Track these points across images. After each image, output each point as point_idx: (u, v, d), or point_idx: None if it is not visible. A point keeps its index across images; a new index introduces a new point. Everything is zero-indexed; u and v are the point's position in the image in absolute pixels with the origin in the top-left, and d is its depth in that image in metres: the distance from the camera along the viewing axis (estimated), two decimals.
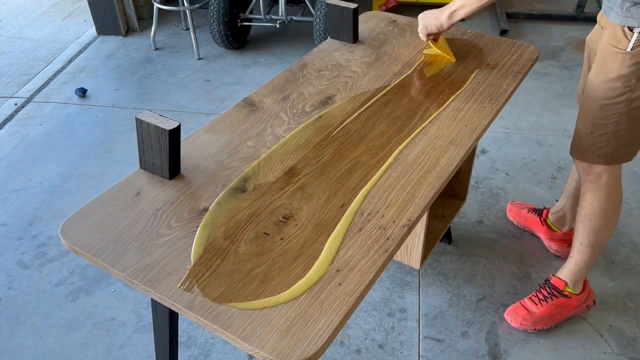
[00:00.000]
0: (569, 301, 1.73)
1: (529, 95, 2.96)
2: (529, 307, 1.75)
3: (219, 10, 3.19)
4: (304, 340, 0.86)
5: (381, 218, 1.09)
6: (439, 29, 1.57)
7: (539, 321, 1.74)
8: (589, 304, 1.77)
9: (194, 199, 1.13)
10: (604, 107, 1.43)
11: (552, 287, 1.74)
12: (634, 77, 1.36)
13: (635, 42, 1.32)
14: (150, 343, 1.74)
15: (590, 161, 1.53)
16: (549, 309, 1.73)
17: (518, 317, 1.76)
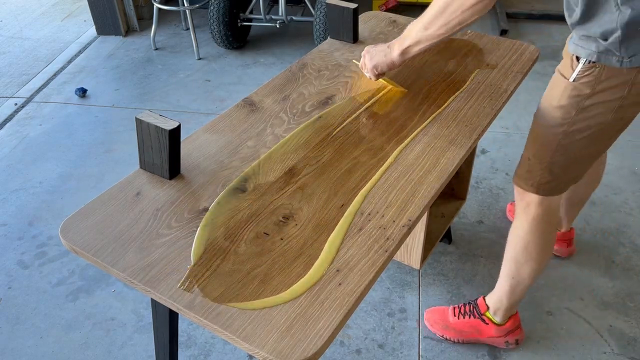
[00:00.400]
0: (485, 327, 1.67)
1: (529, 95, 2.96)
2: (447, 315, 1.74)
3: (219, 10, 3.19)
4: (304, 340, 0.86)
5: (381, 218, 1.09)
6: (390, 67, 1.42)
7: (448, 331, 1.72)
8: (510, 341, 1.68)
9: (194, 199, 1.13)
10: (544, 135, 1.36)
11: (475, 307, 1.69)
12: (574, 109, 1.27)
13: (579, 73, 1.24)
14: (150, 343, 1.74)
15: (522, 187, 1.45)
16: (463, 325, 1.70)
17: (433, 318, 1.76)
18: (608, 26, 1.15)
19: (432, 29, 1.27)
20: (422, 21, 1.28)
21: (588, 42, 1.21)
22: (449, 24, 1.23)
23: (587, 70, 1.23)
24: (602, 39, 1.17)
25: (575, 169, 1.41)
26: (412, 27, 1.32)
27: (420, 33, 1.30)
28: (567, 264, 1.99)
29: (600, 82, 1.22)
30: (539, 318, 1.80)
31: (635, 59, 1.16)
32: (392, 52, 1.38)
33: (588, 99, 1.25)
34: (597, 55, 1.20)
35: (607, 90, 1.23)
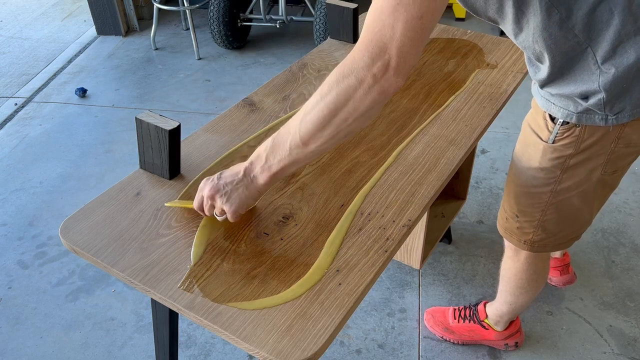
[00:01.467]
0: (485, 332, 1.67)
1: (529, 95, 2.95)
2: (447, 317, 1.73)
3: (219, 10, 3.19)
4: (304, 340, 0.86)
5: (381, 218, 1.09)
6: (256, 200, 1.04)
7: (448, 332, 1.72)
8: (509, 344, 1.68)
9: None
10: (529, 194, 1.22)
11: (475, 312, 1.69)
12: (558, 169, 1.13)
13: (557, 135, 1.09)
14: (150, 343, 1.74)
15: (514, 244, 1.34)
16: (463, 328, 1.70)
17: (433, 320, 1.75)
18: (588, 86, 0.98)
19: (313, 144, 0.93)
20: (297, 132, 0.93)
21: (563, 101, 1.05)
22: (336, 135, 0.91)
23: (566, 131, 1.07)
24: (581, 98, 1.01)
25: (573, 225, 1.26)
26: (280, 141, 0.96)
27: (297, 150, 0.94)
28: None
29: (583, 141, 1.07)
30: (539, 318, 1.80)
31: (621, 115, 1.01)
32: (255, 182, 1.00)
33: (572, 158, 1.10)
34: (576, 116, 1.04)
35: (593, 147, 1.08)
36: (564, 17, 0.93)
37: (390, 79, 0.84)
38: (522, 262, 1.40)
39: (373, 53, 0.83)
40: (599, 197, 1.22)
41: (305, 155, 0.95)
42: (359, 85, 0.85)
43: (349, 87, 0.86)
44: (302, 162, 0.97)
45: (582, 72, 0.98)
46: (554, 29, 0.94)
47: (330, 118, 0.89)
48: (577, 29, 0.93)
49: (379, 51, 0.82)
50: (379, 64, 0.83)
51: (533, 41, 0.99)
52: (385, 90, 0.85)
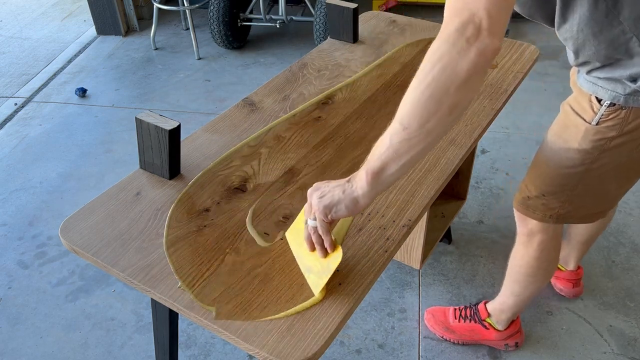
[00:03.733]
0: (486, 331, 1.67)
1: (529, 95, 2.96)
2: (448, 317, 1.73)
3: (219, 10, 3.19)
4: (304, 340, 0.86)
5: (381, 218, 1.09)
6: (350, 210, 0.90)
7: (448, 332, 1.72)
8: (510, 344, 1.68)
9: (194, 199, 1.13)
10: (562, 175, 1.24)
11: (475, 312, 1.69)
12: (597, 151, 1.16)
13: (602, 117, 1.11)
14: (150, 343, 1.74)
15: (537, 219, 1.35)
16: (463, 328, 1.70)
17: (433, 319, 1.76)
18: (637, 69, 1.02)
19: (414, 126, 0.82)
20: (396, 120, 0.84)
21: (611, 84, 1.08)
22: (438, 111, 0.81)
23: (611, 113, 1.10)
24: (629, 81, 1.05)
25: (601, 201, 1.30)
26: (380, 139, 0.88)
27: (398, 138, 0.84)
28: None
29: (627, 123, 1.10)
30: (539, 318, 1.80)
31: None
32: (353, 185, 0.89)
33: (614, 140, 1.13)
34: (624, 98, 1.07)
35: (637, 130, 1.11)
36: (610, 6, 0.97)
37: (484, 40, 0.78)
38: (534, 248, 1.40)
39: (462, 17, 0.80)
40: (631, 179, 1.27)
41: (408, 142, 0.83)
42: (454, 50, 0.79)
43: (443, 55, 0.80)
44: (403, 155, 0.84)
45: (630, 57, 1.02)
46: (600, 17, 0.98)
47: (429, 90, 0.81)
48: (622, 16, 0.97)
49: (469, 14, 0.79)
50: (470, 27, 0.79)
51: (577, 30, 1.03)
52: (483, 52, 0.79)
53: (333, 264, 0.92)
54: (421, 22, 1.84)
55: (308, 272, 0.96)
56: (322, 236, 0.93)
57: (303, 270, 0.97)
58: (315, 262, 0.95)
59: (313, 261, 0.95)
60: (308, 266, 0.96)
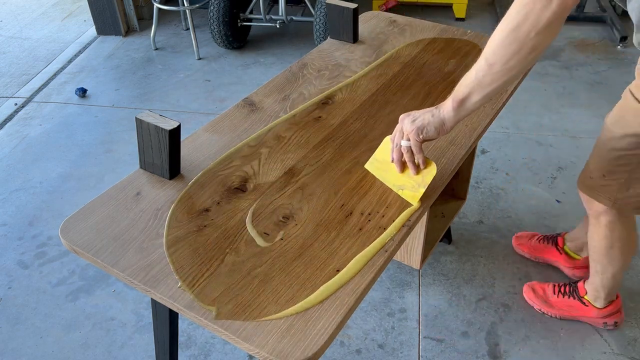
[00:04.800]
0: (585, 308, 1.72)
1: (529, 95, 2.96)
2: (547, 291, 1.79)
3: (219, 10, 3.19)
4: (304, 340, 0.86)
5: (381, 218, 1.09)
6: (439, 131, 1.09)
7: (546, 306, 1.78)
8: (609, 323, 1.72)
9: (194, 199, 1.13)
10: (620, 157, 1.35)
11: (575, 289, 1.75)
12: None
13: None
14: (150, 343, 1.74)
15: (599, 201, 1.45)
16: (562, 303, 1.76)
17: (533, 293, 1.82)
18: None
19: (498, 63, 0.97)
20: (482, 57, 0.99)
21: None
22: (520, 51, 0.94)
23: None
24: None
25: None
26: (469, 73, 1.03)
27: (482, 72, 0.99)
28: None
29: None
30: (539, 318, 1.80)
31: None
32: (443, 109, 1.07)
33: None
34: None
35: None
36: None
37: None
38: (603, 227, 1.49)
39: None
40: None
41: (491, 77, 0.98)
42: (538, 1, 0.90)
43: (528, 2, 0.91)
44: (486, 86, 0.99)
45: None
46: None
47: (513, 33, 0.94)
48: None
49: None
50: None
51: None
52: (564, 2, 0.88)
53: (428, 177, 1.12)
54: (421, 22, 1.84)
55: (401, 190, 1.15)
56: (416, 154, 1.11)
57: (395, 189, 1.16)
58: (407, 180, 1.14)
59: (404, 180, 1.15)
60: (400, 185, 1.15)
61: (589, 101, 2.91)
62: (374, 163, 1.21)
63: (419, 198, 1.12)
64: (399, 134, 1.12)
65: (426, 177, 1.12)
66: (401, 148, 1.12)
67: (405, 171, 1.15)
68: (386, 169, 1.17)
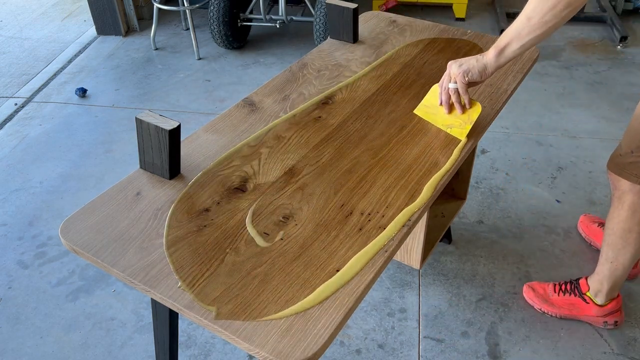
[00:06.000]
0: (586, 306, 1.73)
1: (529, 95, 2.96)
2: (547, 290, 1.81)
3: (219, 10, 3.19)
4: (304, 340, 0.86)
5: (381, 218, 1.09)
6: (482, 75, 1.26)
7: (547, 305, 1.79)
8: (609, 322, 1.73)
9: (194, 199, 1.13)
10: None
11: (576, 286, 1.76)
12: None
13: None
14: (150, 343, 1.74)
15: (625, 178, 1.49)
16: (563, 301, 1.76)
17: (533, 293, 1.82)
18: None
19: (535, 17, 1.13)
20: (523, 13, 1.16)
21: None
22: (555, 7, 1.10)
23: None
24: None
25: None
26: (510, 26, 1.21)
27: (521, 25, 1.16)
28: (567, 264, 1.99)
29: None
30: (539, 318, 1.80)
31: None
32: (485, 55, 1.25)
33: None
34: None
35: None
36: None
37: None
38: (625, 209, 1.52)
39: None
40: None
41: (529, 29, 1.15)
42: None
43: None
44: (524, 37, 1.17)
45: None
46: None
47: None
48: None
49: None
50: None
51: None
52: None
53: (474, 115, 1.29)
54: (421, 22, 1.84)
55: (449, 128, 1.31)
56: (462, 95, 1.29)
57: (444, 128, 1.32)
58: (454, 119, 1.31)
59: (452, 120, 1.31)
60: (448, 124, 1.32)
61: (589, 101, 2.91)
62: (422, 108, 1.38)
63: (466, 134, 1.29)
64: (447, 79, 1.30)
65: (472, 115, 1.29)
66: (449, 90, 1.29)
67: (452, 112, 1.32)
68: (434, 112, 1.35)
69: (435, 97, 1.35)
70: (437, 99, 1.34)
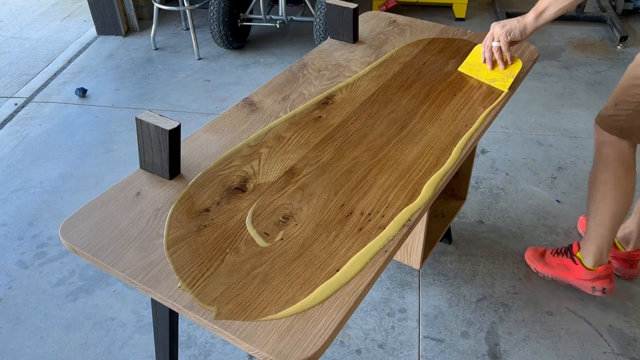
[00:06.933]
0: (575, 267, 1.81)
1: (529, 95, 2.96)
2: (546, 252, 1.94)
3: (219, 10, 3.19)
4: (304, 340, 0.86)
5: (381, 218, 1.09)
6: (522, 34, 1.44)
7: (542, 264, 1.92)
8: (597, 287, 1.77)
9: (194, 199, 1.13)
10: (632, 86, 1.54)
11: (569, 248, 1.86)
12: None
13: None
14: (150, 343, 1.74)
15: (604, 129, 1.63)
16: (556, 262, 1.88)
17: (533, 252, 1.96)
18: None
19: None
20: None
21: None
22: None
23: None
24: None
25: None
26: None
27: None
28: None
29: None
30: (539, 318, 1.80)
31: None
32: (525, 17, 1.43)
33: None
34: None
35: None
36: None
37: None
38: (602, 160, 1.65)
39: None
40: None
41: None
42: None
43: None
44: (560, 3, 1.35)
45: None
46: None
47: None
48: None
49: None
50: None
51: None
52: None
53: (515, 69, 1.47)
54: (421, 22, 1.84)
55: (493, 82, 1.48)
56: (505, 52, 1.46)
57: (487, 82, 1.49)
58: (497, 74, 1.48)
59: (495, 74, 1.48)
60: (491, 79, 1.49)
61: (589, 101, 2.91)
62: (466, 66, 1.54)
63: (509, 86, 1.45)
64: (490, 38, 1.47)
65: (513, 70, 1.46)
66: (492, 48, 1.46)
67: (495, 68, 1.49)
68: (478, 69, 1.52)
69: (478, 56, 1.52)
70: (479, 57, 1.51)
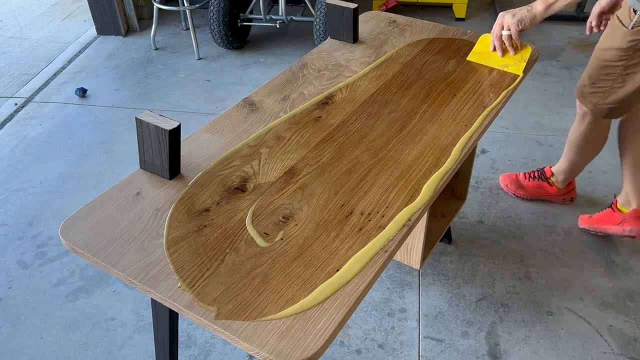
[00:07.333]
0: (549, 187, 2.18)
1: (529, 95, 2.96)
2: (520, 178, 2.24)
3: (219, 10, 3.19)
4: (304, 340, 0.86)
5: (381, 218, 1.09)
6: (532, 22, 1.52)
7: (520, 189, 2.23)
8: (566, 199, 2.20)
9: (194, 199, 1.13)
10: (605, 67, 1.70)
11: (542, 173, 2.18)
12: (632, 50, 1.62)
13: (635, 23, 1.56)
14: (150, 343, 1.74)
15: (586, 105, 1.82)
16: (532, 185, 2.21)
17: (508, 180, 2.26)
18: None
19: None
20: None
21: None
22: None
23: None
24: None
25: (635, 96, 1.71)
26: None
27: None
28: (567, 264, 1.99)
29: None
30: (539, 318, 1.80)
31: None
32: (535, 7, 1.49)
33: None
34: None
35: None
36: None
37: None
38: (585, 125, 1.91)
39: None
40: None
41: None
42: None
43: None
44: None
45: None
46: None
47: None
48: None
49: None
50: None
51: None
52: None
53: (526, 54, 1.55)
54: (421, 22, 1.84)
55: (506, 67, 1.55)
56: (515, 40, 1.54)
57: (500, 67, 1.56)
58: (509, 60, 1.56)
59: (506, 60, 1.56)
60: (503, 64, 1.56)
61: None
62: (474, 55, 1.61)
63: (522, 69, 1.53)
64: (499, 27, 1.54)
65: (524, 54, 1.55)
66: (502, 37, 1.55)
67: (505, 55, 1.56)
68: (488, 57, 1.59)
69: (485, 45, 1.60)
70: (487, 46, 1.59)
